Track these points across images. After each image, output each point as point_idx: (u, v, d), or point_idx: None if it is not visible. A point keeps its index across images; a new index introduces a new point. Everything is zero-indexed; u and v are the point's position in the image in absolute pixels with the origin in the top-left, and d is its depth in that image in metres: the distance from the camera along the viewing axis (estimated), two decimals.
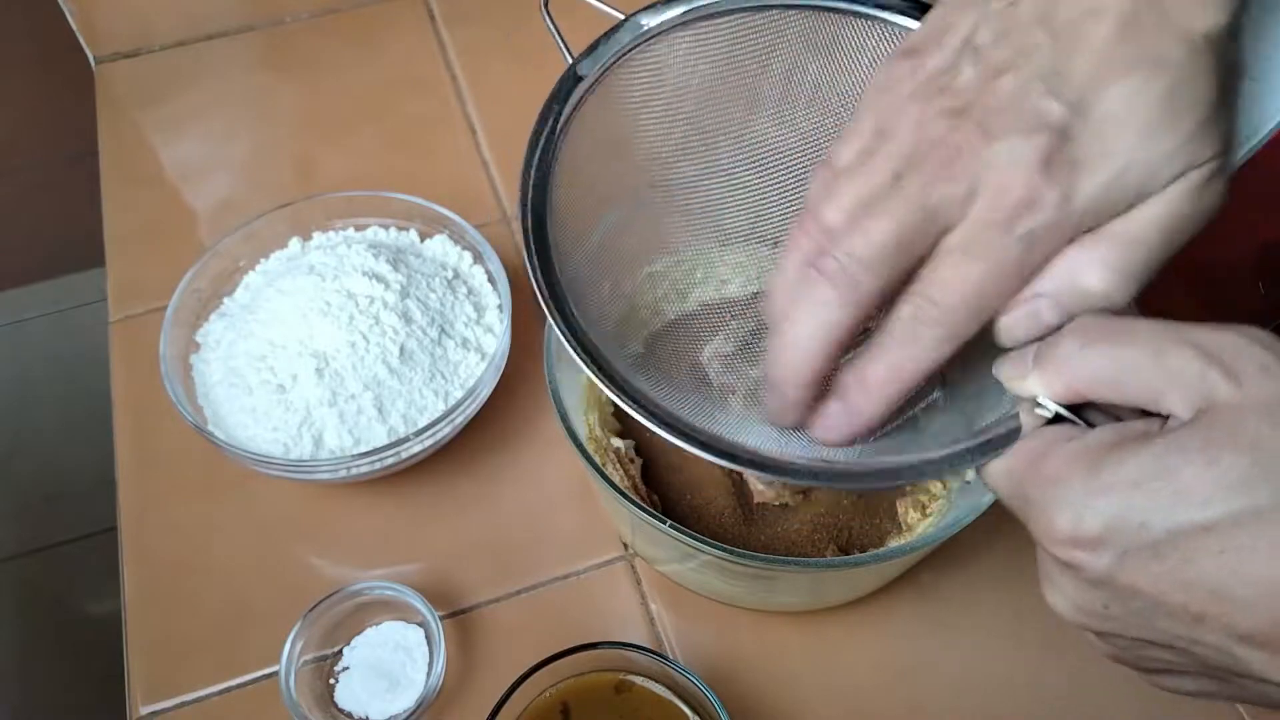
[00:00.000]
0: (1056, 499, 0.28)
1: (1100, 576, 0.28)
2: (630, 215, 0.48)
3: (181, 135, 0.72)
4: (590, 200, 0.44)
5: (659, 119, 0.46)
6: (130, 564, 0.53)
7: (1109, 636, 0.30)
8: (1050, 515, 0.28)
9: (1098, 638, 0.31)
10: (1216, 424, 0.26)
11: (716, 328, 0.49)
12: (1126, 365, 0.29)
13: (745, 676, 0.49)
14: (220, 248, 0.57)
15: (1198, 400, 0.27)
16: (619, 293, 0.50)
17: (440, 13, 0.79)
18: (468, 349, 0.55)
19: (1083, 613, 0.30)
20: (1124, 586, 0.27)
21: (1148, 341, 0.28)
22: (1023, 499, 0.30)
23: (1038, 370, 0.31)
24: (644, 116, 0.45)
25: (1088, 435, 0.29)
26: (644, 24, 0.43)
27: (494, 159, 0.70)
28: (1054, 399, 0.31)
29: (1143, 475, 0.27)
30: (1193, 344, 0.28)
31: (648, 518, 0.42)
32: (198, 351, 0.56)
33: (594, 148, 0.43)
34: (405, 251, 0.58)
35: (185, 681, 0.50)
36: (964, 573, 0.52)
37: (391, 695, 0.48)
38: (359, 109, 0.73)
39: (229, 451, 0.50)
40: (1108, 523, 0.27)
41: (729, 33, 0.44)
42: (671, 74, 0.44)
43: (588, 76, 0.42)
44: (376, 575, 0.53)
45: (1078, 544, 0.28)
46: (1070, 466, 0.29)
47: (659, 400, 0.37)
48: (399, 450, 0.51)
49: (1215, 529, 0.25)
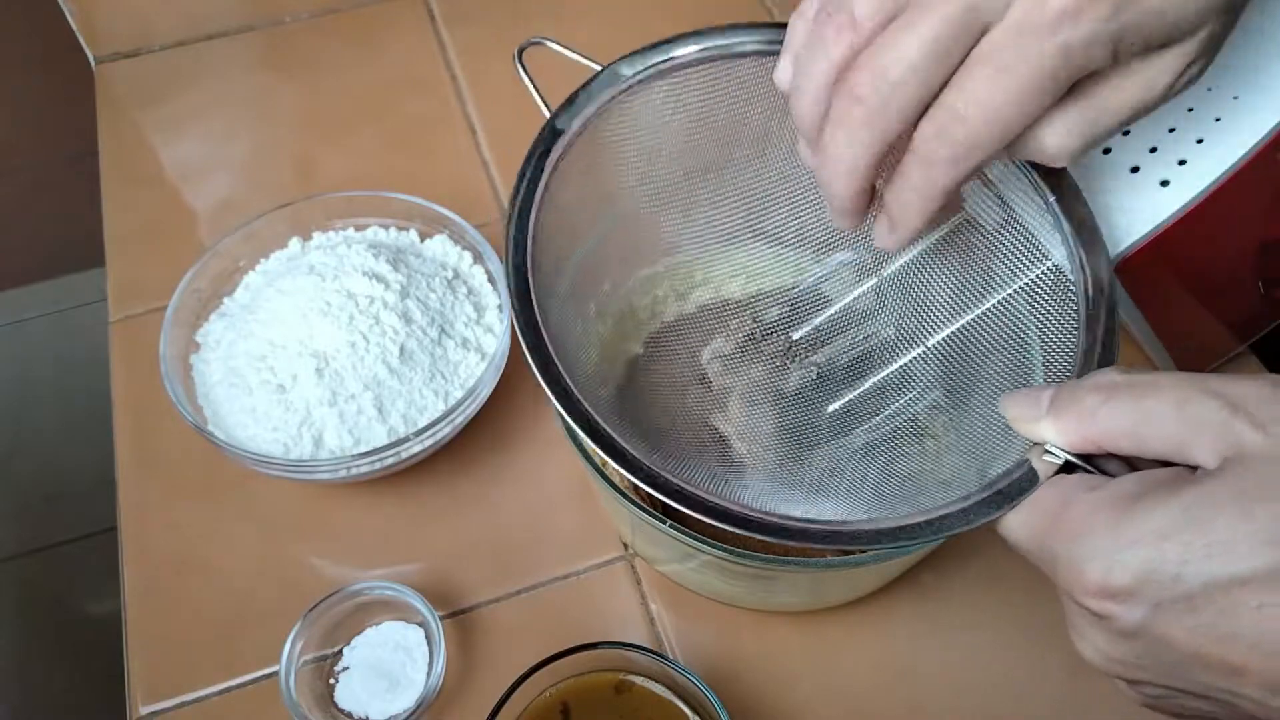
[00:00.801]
0: (1084, 551, 0.28)
1: (1133, 628, 0.27)
2: (618, 225, 0.48)
3: (181, 135, 0.72)
4: (572, 246, 0.45)
5: (639, 168, 0.46)
6: (130, 564, 0.53)
7: (1142, 685, 0.30)
8: (1079, 568, 0.28)
9: (1129, 685, 0.31)
10: (1247, 474, 0.26)
11: (715, 332, 0.50)
12: (1149, 418, 0.28)
13: (745, 676, 0.49)
14: (220, 248, 0.57)
15: (1224, 450, 0.27)
16: (610, 306, 0.50)
17: (440, 13, 0.79)
18: (468, 349, 0.55)
19: (1114, 662, 0.29)
20: (1158, 638, 0.27)
21: (1171, 393, 0.28)
22: (1047, 552, 0.30)
23: (1053, 419, 0.30)
24: (624, 167, 0.45)
25: (1111, 485, 0.29)
26: (622, 74, 0.43)
27: (494, 159, 0.70)
28: (1069, 449, 0.31)
29: (1172, 527, 0.26)
30: (1216, 394, 0.27)
31: (648, 518, 0.42)
32: (198, 351, 0.56)
33: (575, 198, 0.43)
34: (405, 251, 0.58)
35: (185, 681, 0.50)
36: (964, 573, 0.52)
37: (391, 695, 0.48)
38: (359, 109, 0.73)
39: (229, 451, 0.50)
40: (1138, 574, 0.27)
41: (709, 79, 0.44)
42: (650, 122, 0.44)
43: (567, 130, 0.42)
44: (376, 575, 0.53)
45: (1108, 595, 0.28)
46: (1095, 518, 0.28)
47: (670, 477, 0.36)
48: (399, 450, 0.51)
49: (1252, 583, 0.25)
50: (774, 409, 0.47)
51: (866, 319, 0.47)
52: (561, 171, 0.42)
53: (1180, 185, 0.41)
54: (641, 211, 0.47)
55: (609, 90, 0.43)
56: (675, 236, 0.49)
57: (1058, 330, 0.39)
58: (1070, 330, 0.38)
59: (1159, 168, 0.42)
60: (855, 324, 0.48)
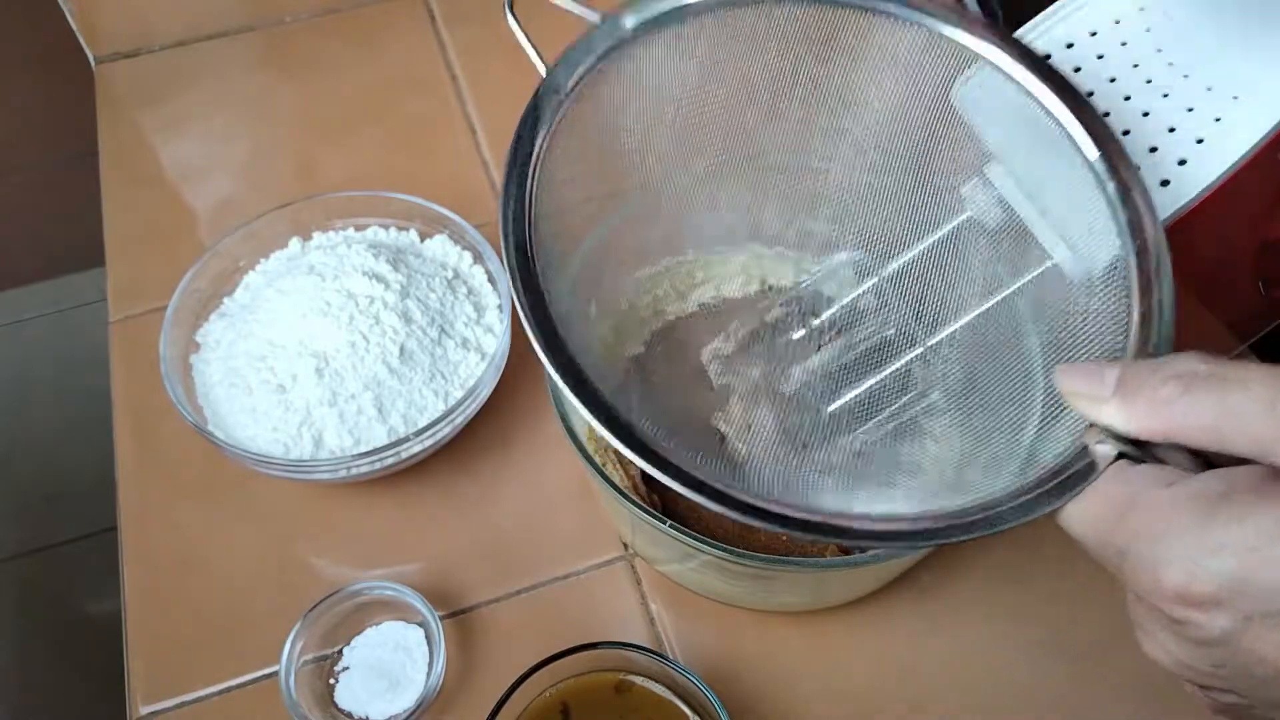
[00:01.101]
0: (1162, 553, 0.27)
1: (1216, 638, 0.26)
2: (618, 225, 0.47)
3: (181, 135, 0.72)
4: (575, 221, 0.42)
5: (643, 127, 0.43)
6: (130, 564, 0.53)
7: (1215, 691, 0.29)
8: (1156, 570, 0.27)
9: (1201, 690, 0.30)
10: None
11: (715, 329, 0.49)
12: (1236, 414, 0.27)
13: (745, 676, 0.49)
14: (220, 248, 0.57)
15: None
16: (610, 305, 0.49)
17: (440, 13, 0.79)
18: (468, 349, 0.55)
19: (1188, 668, 0.28)
20: (1246, 651, 0.26)
21: (1262, 390, 0.26)
22: (1114, 550, 0.28)
23: (1122, 401, 0.29)
24: (626, 127, 0.43)
25: (1191, 483, 0.27)
26: (623, 25, 0.40)
27: (494, 159, 0.70)
28: (1137, 435, 0.29)
29: (1263, 538, 0.25)
30: None
31: (648, 518, 0.42)
32: (198, 351, 0.56)
33: (575, 166, 0.41)
34: (405, 251, 0.58)
35: (185, 681, 0.50)
36: (964, 573, 0.52)
37: (391, 695, 0.48)
38: (359, 109, 0.73)
39: (229, 451, 0.50)
40: (1226, 584, 0.26)
41: (716, 29, 0.42)
42: (655, 78, 0.42)
43: (563, 87, 0.39)
44: (376, 575, 0.53)
45: (1190, 603, 0.26)
46: (1175, 518, 0.27)
47: (681, 463, 0.34)
48: (399, 450, 0.51)
49: None
50: (774, 409, 0.47)
51: (867, 318, 0.47)
52: (559, 136, 0.39)
53: (1181, 184, 0.41)
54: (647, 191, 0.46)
55: (608, 42, 0.40)
56: (677, 227, 0.49)
57: (1064, 327, 0.38)
58: (1077, 324, 0.37)
59: (1160, 167, 0.42)
60: (856, 323, 0.47)
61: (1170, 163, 0.42)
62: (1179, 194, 0.41)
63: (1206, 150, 0.41)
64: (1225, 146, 0.41)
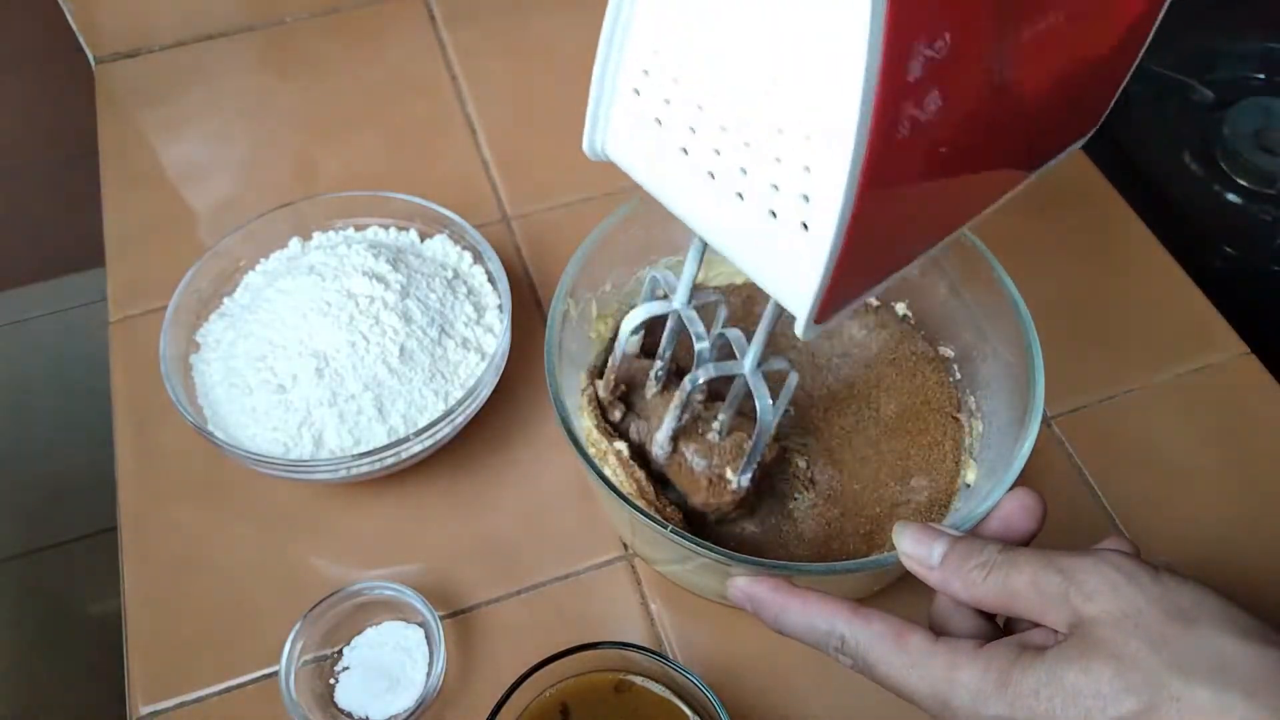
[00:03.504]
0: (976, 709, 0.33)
1: None
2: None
3: (181, 135, 0.72)
4: None
5: None
6: (130, 564, 0.53)
7: None
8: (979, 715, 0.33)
9: None
10: (1086, 637, 0.32)
11: None
12: (1015, 594, 0.34)
13: (745, 676, 0.49)
14: (220, 248, 0.57)
15: (1069, 616, 0.33)
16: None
17: (440, 13, 0.79)
18: (468, 349, 0.55)
19: None
20: None
21: (1027, 570, 0.34)
22: (941, 704, 0.34)
23: (944, 578, 0.36)
24: None
25: (993, 648, 0.34)
26: None
27: (494, 159, 0.70)
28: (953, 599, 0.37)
29: (1039, 683, 0.32)
30: (1058, 569, 0.33)
31: (647, 520, 0.42)
32: (198, 351, 0.56)
33: None
34: (405, 251, 0.58)
35: (185, 681, 0.50)
36: None
37: (391, 695, 0.48)
38: (359, 109, 0.73)
39: (229, 451, 0.50)
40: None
41: None
42: None
43: None
44: (376, 575, 0.53)
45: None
46: (984, 677, 0.33)
47: None
48: (399, 450, 0.51)
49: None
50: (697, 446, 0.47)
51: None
52: None
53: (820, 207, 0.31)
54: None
55: None
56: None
57: None
58: None
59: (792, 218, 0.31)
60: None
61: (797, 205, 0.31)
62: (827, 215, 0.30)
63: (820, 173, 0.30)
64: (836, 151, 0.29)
